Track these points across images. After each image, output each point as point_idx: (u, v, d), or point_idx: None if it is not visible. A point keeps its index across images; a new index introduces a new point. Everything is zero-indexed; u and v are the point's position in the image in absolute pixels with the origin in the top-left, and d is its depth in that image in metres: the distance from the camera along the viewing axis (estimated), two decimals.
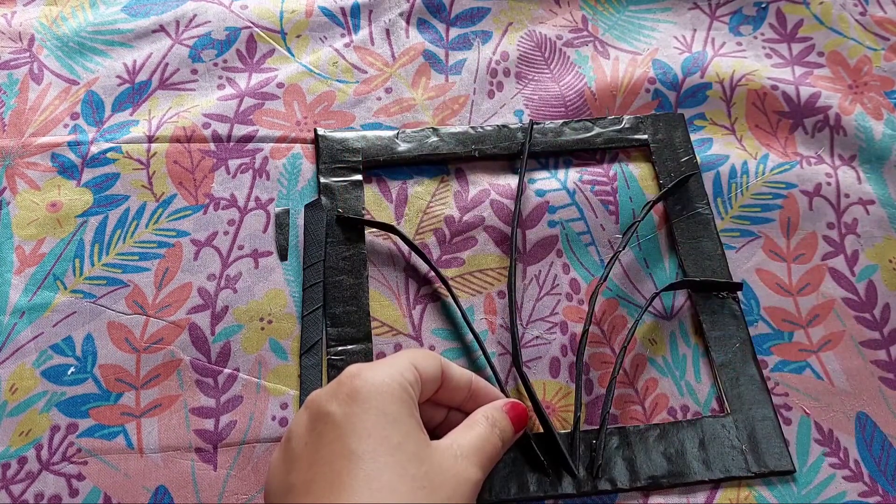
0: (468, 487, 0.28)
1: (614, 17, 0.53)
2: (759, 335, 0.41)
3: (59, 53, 0.48)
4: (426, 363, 0.31)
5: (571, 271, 0.43)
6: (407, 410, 0.28)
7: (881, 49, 0.52)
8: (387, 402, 0.28)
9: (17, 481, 0.35)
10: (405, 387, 0.29)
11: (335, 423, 0.27)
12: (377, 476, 0.26)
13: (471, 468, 0.29)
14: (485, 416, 0.32)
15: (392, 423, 0.27)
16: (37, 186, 0.43)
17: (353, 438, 0.27)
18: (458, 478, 0.28)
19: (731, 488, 0.37)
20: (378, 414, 0.27)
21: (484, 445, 0.30)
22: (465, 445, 0.30)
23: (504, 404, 0.33)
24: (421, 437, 0.28)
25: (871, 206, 0.45)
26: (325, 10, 0.51)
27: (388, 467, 0.26)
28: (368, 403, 0.27)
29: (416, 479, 0.26)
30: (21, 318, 0.39)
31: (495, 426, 0.32)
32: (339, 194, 0.43)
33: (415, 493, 0.26)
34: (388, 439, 0.27)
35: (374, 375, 0.28)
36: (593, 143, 0.46)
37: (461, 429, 0.31)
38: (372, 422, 0.27)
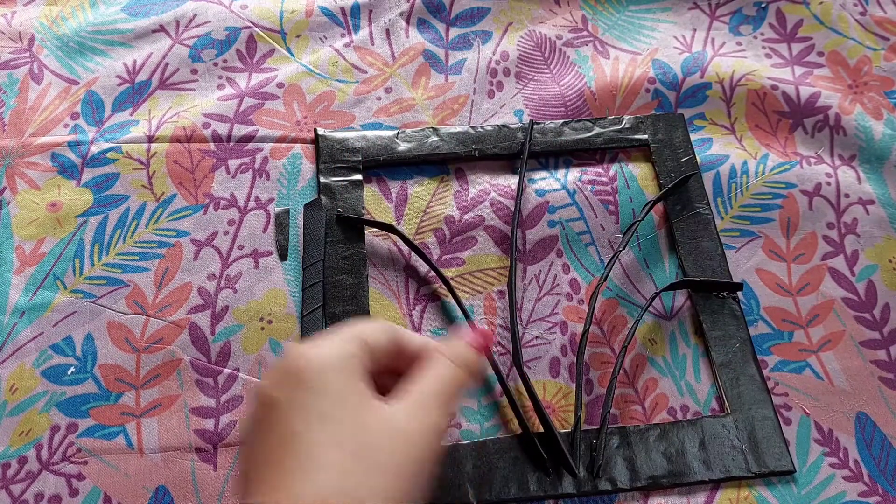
0: (429, 433, 0.28)
1: (614, 17, 0.53)
2: (759, 335, 0.41)
3: (59, 53, 0.48)
4: (374, 333, 0.30)
5: (571, 271, 0.43)
6: (350, 382, 0.28)
7: (881, 49, 0.52)
8: (328, 378, 0.27)
9: (18, 481, 0.35)
10: (347, 359, 0.28)
11: (279, 409, 0.27)
12: (314, 453, 0.26)
13: (430, 415, 0.28)
14: (441, 353, 0.31)
15: (331, 398, 0.27)
16: (37, 186, 0.43)
17: (295, 420, 0.26)
18: (413, 434, 0.27)
19: (731, 488, 0.37)
20: (319, 392, 0.27)
21: (445, 388, 0.29)
22: (424, 393, 0.29)
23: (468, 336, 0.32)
24: (366, 407, 0.27)
25: (870, 206, 0.45)
26: (325, 10, 0.51)
27: (323, 443, 0.26)
28: (311, 383, 0.27)
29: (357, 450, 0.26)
30: (21, 318, 0.39)
31: (458, 361, 0.31)
32: (338, 194, 0.43)
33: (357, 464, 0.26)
34: (325, 415, 0.26)
35: (317, 354, 0.28)
36: (593, 143, 0.46)
37: (415, 376, 0.30)
38: (312, 401, 0.27)
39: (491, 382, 0.39)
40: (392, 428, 0.27)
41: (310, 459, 0.25)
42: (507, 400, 0.38)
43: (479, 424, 0.38)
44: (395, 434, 0.27)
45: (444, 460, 0.33)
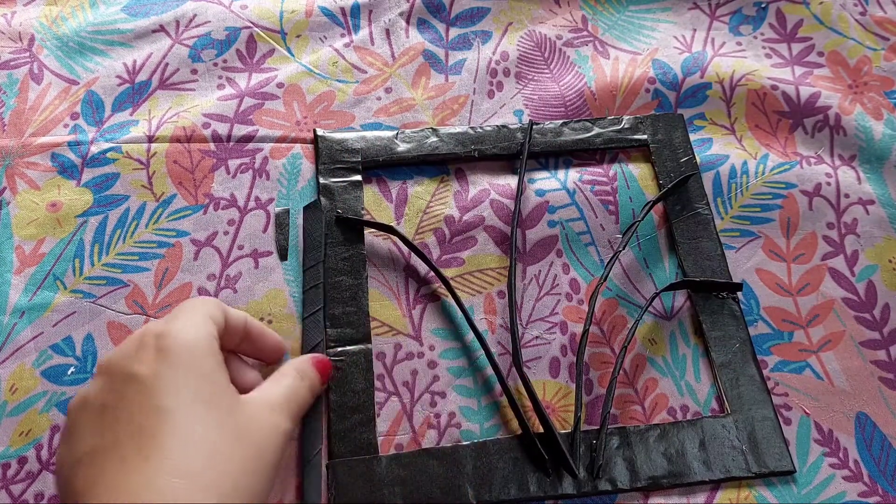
0: (279, 437, 0.29)
1: (614, 17, 0.53)
2: (759, 335, 0.41)
3: (59, 53, 0.48)
4: (216, 311, 0.31)
5: (571, 271, 0.43)
6: (217, 364, 0.28)
7: (881, 49, 0.52)
8: (198, 357, 0.28)
9: (18, 481, 0.35)
10: (210, 340, 0.29)
11: (142, 382, 0.27)
12: (191, 430, 0.26)
13: (281, 418, 0.30)
14: (294, 369, 0.33)
15: (204, 377, 0.27)
16: (37, 186, 0.43)
17: (164, 395, 0.26)
18: (269, 428, 0.29)
19: (732, 488, 0.37)
20: (189, 369, 0.27)
21: (294, 396, 0.31)
22: (276, 396, 0.31)
23: (310, 358, 0.35)
24: (231, 391, 0.28)
25: (870, 206, 0.45)
26: (325, 9, 0.51)
27: (202, 420, 0.26)
28: (179, 359, 0.27)
29: (231, 430, 0.27)
30: (21, 318, 0.39)
31: (304, 378, 0.33)
32: (338, 195, 0.43)
33: (232, 444, 0.26)
34: (200, 393, 0.27)
35: (183, 332, 0.28)
36: (593, 144, 0.46)
37: (270, 382, 0.32)
38: (183, 378, 0.27)
39: (491, 382, 0.39)
40: (259, 419, 0.28)
41: (187, 434, 0.26)
42: (507, 400, 0.38)
43: (479, 424, 0.38)
44: (260, 425, 0.28)
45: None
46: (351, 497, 0.35)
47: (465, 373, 0.39)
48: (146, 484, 0.24)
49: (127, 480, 0.24)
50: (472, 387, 0.39)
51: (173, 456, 0.25)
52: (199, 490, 0.25)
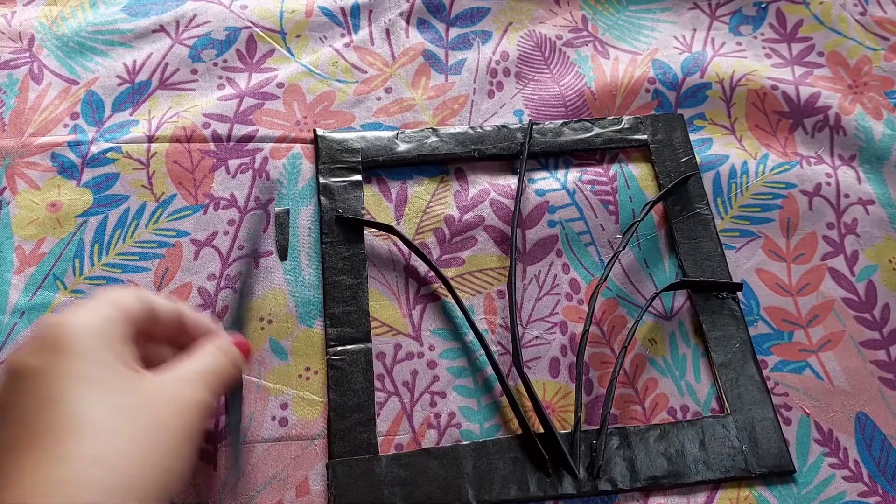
0: (192, 408, 0.28)
1: (614, 17, 0.53)
2: (759, 335, 0.41)
3: (59, 53, 0.48)
4: (127, 300, 0.30)
5: (571, 271, 0.43)
6: (109, 346, 0.27)
7: (881, 49, 0.52)
8: (89, 343, 0.27)
9: None
10: (105, 324, 0.28)
11: (35, 375, 0.26)
12: (81, 414, 0.25)
13: (194, 389, 0.29)
14: (213, 345, 0.32)
15: (94, 362, 0.27)
16: (37, 186, 0.43)
17: (55, 385, 0.26)
18: (179, 400, 0.28)
19: (731, 488, 0.37)
20: (80, 357, 0.26)
21: (213, 368, 0.31)
22: (190, 369, 0.30)
23: (230, 337, 0.34)
24: (128, 370, 0.27)
25: (870, 206, 0.45)
26: (325, 9, 0.51)
27: (91, 403, 0.25)
28: (70, 348, 0.26)
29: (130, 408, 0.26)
30: (21, 318, 0.39)
31: (227, 353, 0.32)
32: (338, 194, 0.43)
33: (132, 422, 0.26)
34: (89, 378, 0.26)
35: (75, 320, 0.27)
36: (593, 144, 0.46)
37: (185, 356, 0.31)
38: (75, 366, 0.26)
39: (491, 382, 0.39)
40: (158, 393, 0.27)
41: (78, 421, 0.25)
42: (508, 400, 0.38)
43: (479, 424, 0.38)
44: (161, 400, 0.27)
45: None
46: (351, 497, 0.35)
47: (465, 373, 0.39)
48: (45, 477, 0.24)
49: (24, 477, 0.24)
50: (472, 387, 0.39)
51: (67, 444, 0.24)
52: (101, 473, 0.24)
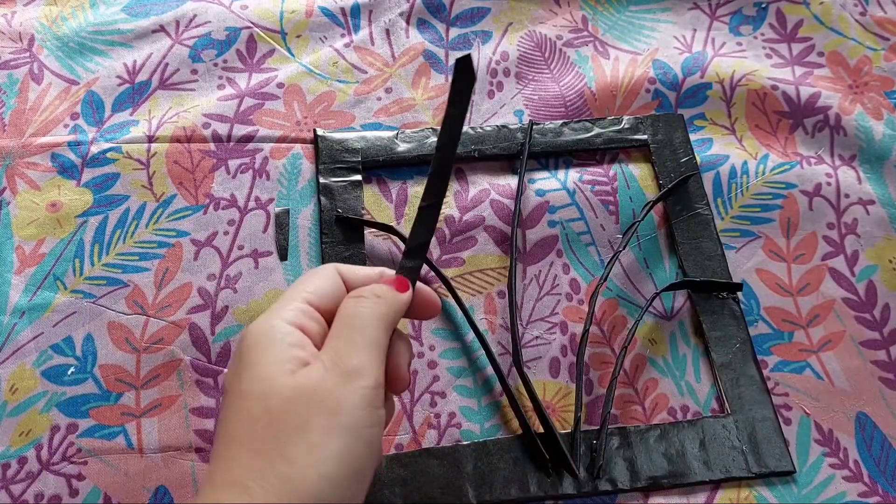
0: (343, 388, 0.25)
1: (614, 17, 0.53)
2: (759, 335, 0.41)
3: (59, 53, 0.48)
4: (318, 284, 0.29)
5: (571, 271, 0.43)
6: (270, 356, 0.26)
7: (881, 49, 0.52)
8: (251, 357, 0.26)
9: (18, 481, 0.35)
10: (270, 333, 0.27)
11: (226, 395, 0.27)
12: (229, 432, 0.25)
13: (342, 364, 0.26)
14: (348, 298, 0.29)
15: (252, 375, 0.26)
16: (37, 186, 0.43)
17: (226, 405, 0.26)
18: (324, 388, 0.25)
19: (732, 488, 0.37)
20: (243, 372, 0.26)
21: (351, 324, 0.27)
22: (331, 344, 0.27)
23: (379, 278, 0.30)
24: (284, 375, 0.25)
25: (871, 206, 0.45)
26: (325, 10, 0.51)
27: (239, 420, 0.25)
28: (239, 366, 0.26)
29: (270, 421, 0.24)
30: (21, 318, 0.39)
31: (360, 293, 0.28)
32: (338, 194, 0.43)
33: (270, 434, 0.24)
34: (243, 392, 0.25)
35: (250, 330, 0.27)
36: (593, 144, 0.46)
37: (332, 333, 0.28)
38: (238, 383, 0.26)
39: (491, 382, 0.39)
40: (307, 390, 0.25)
41: (227, 439, 0.25)
42: (508, 400, 0.38)
43: (479, 424, 0.38)
44: (309, 396, 0.25)
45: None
46: None
47: (465, 373, 0.39)
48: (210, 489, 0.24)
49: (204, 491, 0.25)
50: (472, 387, 0.39)
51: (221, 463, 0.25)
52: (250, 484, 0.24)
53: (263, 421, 0.25)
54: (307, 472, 0.24)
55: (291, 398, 0.25)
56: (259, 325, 0.27)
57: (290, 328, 0.27)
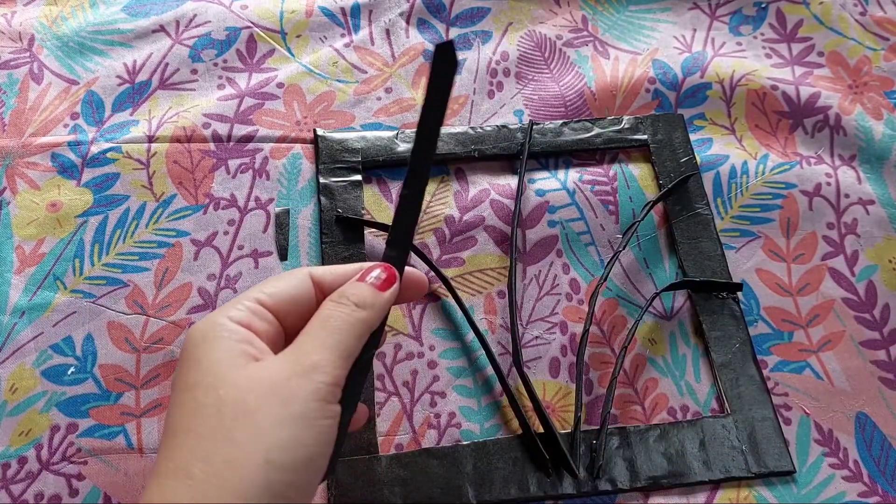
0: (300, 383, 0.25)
1: (614, 17, 0.53)
2: (759, 335, 0.41)
3: (59, 53, 0.48)
4: (278, 286, 0.28)
5: (571, 271, 0.43)
6: (221, 350, 0.25)
7: (881, 49, 0.52)
8: (199, 352, 0.26)
9: (17, 481, 0.35)
10: (220, 329, 0.26)
11: (173, 393, 0.26)
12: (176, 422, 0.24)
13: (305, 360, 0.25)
14: (329, 299, 0.28)
15: (200, 368, 0.25)
16: (37, 186, 0.43)
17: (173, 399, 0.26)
18: (282, 381, 0.24)
19: (731, 488, 0.37)
20: (190, 366, 0.25)
21: (323, 325, 0.27)
22: (299, 340, 0.26)
23: (360, 274, 0.29)
24: (237, 367, 0.25)
25: (870, 206, 0.45)
26: (325, 10, 0.51)
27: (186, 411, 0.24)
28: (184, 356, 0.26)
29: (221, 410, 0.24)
30: (21, 318, 0.39)
31: (337, 298, 0.27)
32: (338, 194, 0.43)
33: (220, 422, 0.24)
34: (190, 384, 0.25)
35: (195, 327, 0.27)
36: (593, 144, 0.46)
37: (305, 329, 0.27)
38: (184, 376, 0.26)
39: (491, 382, 0.39)
40: (260, 379, 0.25)
41: (173, 429, 0.24)
42: (508, 400, 0.38)
43: (479, 424, 0.38)
44: (262, 385, 0.24)
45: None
46: (351, 497, 0.35)
47: (465, 373, 0.39)
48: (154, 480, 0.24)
49: None
50: (472, 387, 0.39)
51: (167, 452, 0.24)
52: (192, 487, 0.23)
53: (212, 407, 0.24)
54: (253, 457, 0.23)
55: (244, 387, 0.24)
56: (203, 324, 0.27)
57: (235, 326, 0.26)
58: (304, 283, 0.29)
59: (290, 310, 0.28)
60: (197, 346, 0.26)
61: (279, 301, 0.28)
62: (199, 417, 0.24)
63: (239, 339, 0.26)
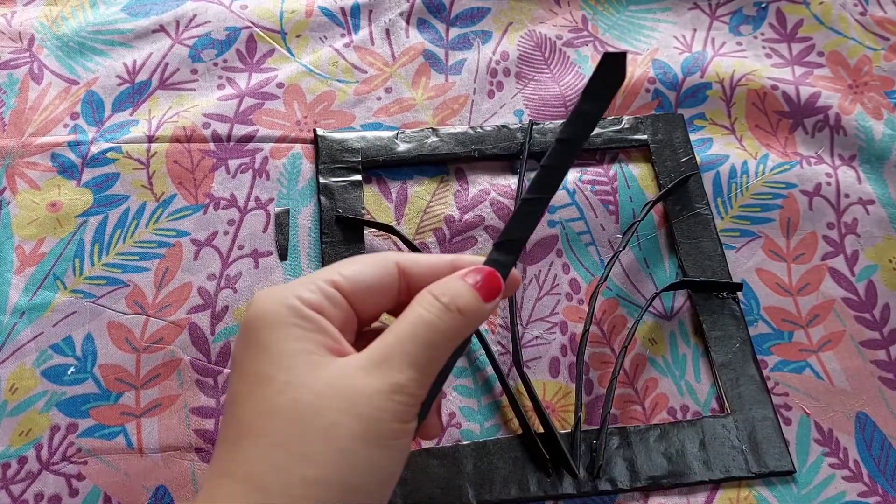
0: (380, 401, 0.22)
1: (614, 17, 0.53)
2: (759, 335, 0.41)
3: (59, 53, 0.48)
4: (357, 269, 0.25)
5: (571, 271, 0.43)
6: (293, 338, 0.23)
7: (881, 49, 0.52)
8: (268, 335, 0.23)
9: (17, 481, 0.35)
10: (295, 308, 0.24)
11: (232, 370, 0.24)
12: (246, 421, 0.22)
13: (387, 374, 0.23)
14: (427, 291, 0.25)
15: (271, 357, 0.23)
16: (37, 186, 0.43)
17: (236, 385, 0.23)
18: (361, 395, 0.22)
19: (731, 488, 0.37)
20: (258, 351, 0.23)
21: (416, 333, 0.24)
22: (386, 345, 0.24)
23: (464, 273, 0.26)
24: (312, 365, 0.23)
25: (871, 206, 0.45)
26: (325, 9, 0.51)
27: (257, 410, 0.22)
28: (249, 337, 0.24)
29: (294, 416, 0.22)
30: (21, 318, 0.39)
31: (439, 299, 0.24)
32: (338, 194, 0.43)
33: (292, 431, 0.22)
34: (262, 377, 0.23)
35: (259, 303, 0.24)
36: (593, 144, 0.46)
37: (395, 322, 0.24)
38: (250, 362, 0.23)
39: (491, 382, 0.39)
40: (340, 390, 0.22)
41: (240, 427, 0.23)
42: (508, 400, 0.38)
43: (479, 424, 0.38)
44: (342, 396, 0.22)
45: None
46: None
47: (465, 373, 0.39)
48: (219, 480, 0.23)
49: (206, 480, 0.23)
50: (472, 387, 0.39)
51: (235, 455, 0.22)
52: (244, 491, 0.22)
53: (288, 414, 0.22)
54: (332, 479, 0.22)
55: (323, 394, 0.22)
56: (270, 302, 0.24)
57: (308, 311, 0.24)
58: (389, 271, 0.26)
59: (368, 297, 0.25)
60: (263, 328, 0.23)
61: (357, 286, 0.25)
62: (274, 422, 0.22)
63: (313, 329, 0.24)
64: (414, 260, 0.26)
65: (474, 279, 0.25)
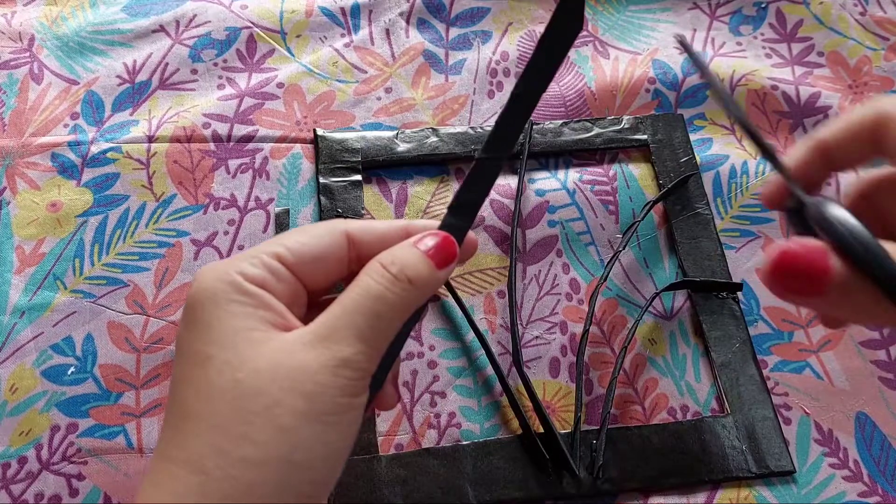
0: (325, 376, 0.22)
1: (614, 17, 0.53)
2: (759, 335, 0.41)
3: (59, 53, 0.48)
4: (302, 240, 0.24)
5: (571, 271, 0.43)
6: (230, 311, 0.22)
7: (881, 49, 0.52)
8: (206, 309, 0.22)
9: (17, 481, 0.35)
10: (236, 284, 0.23)
11: (180, 357, 0.23)
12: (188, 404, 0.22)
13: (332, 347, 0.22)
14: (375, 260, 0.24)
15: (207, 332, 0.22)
16: (37, 186, 0.43)
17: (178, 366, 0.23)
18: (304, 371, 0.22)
19: (731, 488, 0.37)
20: (193, 326, 0.23)
21: (363, 303, 0.23)
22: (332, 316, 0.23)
23: (416, 239, 0.25)
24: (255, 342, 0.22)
25: None
26: (325, 10, 0.51)
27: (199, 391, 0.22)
28: (190, 316, 0.23)
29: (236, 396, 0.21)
30: (21, 318, 0.39)
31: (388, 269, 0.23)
32: (338, 194, 0.43)
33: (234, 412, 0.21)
34: (202, 356, 0.22)
35: (200, 280, 0.23)
36: (593, 144, 0.46)
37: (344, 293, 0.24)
38: (191, 341, 0.23)
39: (491, 382, 0.39)
40: (282, 367, 0.22)
41: (183, 411, 0.22)
42: (508, 400, 0.38)
43: (479, 424, 0.38)
44: (285, 374, 0.22)
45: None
46: (351, 497, 0.35)
47: (465, 373, 0.39)
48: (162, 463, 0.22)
49: None
50: (472, 387, 0.39)
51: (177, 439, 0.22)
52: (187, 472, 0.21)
53: (228, 394, 0.21)
54: (272, 457, 0.21)
55: (265, 373, 0.22)
56: (212, 280, 0.23)
57: (250, 287, 0.23)
58: (336, 241, 0.25)
59: (315, 268, 0.25)
60: (204, 306, 0.23)
61: (302, 258, 0.24)
62: (214, 403, 0.21)
63: (255, 305, 0.23)
64: (365, 227, 0.25)
65: (427, 245, 0.24)
